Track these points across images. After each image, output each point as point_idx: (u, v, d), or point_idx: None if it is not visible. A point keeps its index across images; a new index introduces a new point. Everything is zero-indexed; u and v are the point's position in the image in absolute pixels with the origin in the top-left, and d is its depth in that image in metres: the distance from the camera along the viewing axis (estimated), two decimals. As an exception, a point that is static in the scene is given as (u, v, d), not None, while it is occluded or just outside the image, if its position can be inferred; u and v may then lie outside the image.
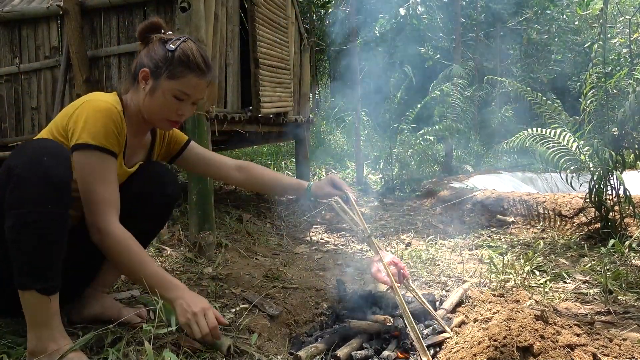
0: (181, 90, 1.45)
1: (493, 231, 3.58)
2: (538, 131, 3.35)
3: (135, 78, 1.47)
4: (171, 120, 1.49)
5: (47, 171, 1.17)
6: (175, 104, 1.47)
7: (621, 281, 2.22)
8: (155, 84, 1.44)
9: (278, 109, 4.01)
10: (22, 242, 1.16)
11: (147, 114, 1.48)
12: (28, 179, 1.16)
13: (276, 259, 2.72)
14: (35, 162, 1.18)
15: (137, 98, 1.48)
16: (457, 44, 6.85)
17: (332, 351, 1.51)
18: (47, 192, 1.17)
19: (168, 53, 1.44)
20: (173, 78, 1.44)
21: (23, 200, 1.16)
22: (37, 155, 1.19)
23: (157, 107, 1.46)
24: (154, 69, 1.44)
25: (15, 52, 3.28)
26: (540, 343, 1.28)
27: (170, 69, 1.44)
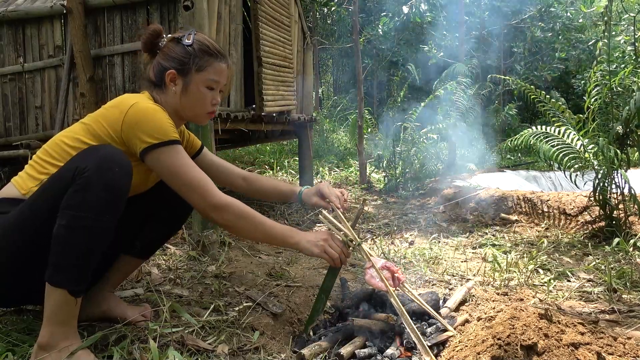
0: (211, 78, 1.50)
1: (497, 230, 3.57)
2: (542, 129, 3.33)
3: (161, 83, 1.50)
4: (209, 112, 1.54)
5: (115, 182, 1.22)
6: (210, 94, 1.52)
7: (626, 280, 2.21)
8: (187, 81, 1.48)
9: (281, 107, 4.01)
10: (70, 243, 1.18)
11: (187, 112, 1.52)
12: (95, 185, 1.19)
13: (279, 257, 2.72)
14: (106, 169, 1.21)
15: (168, 100, 1.50)
16: (461, 42, 6.83)
17: (336, 349, 1.51)
18: (110, 201, 1.21)
19: (188, 48, 1.48)
20: (202, 69, 1.48)
21: (85, 204, 1.19)
22: (110, 163, 1.22)
23: (195, 101, 1.50)
24: (180, 67, 1.48)
25: (19, 51, 3.29)
26: (544, 342, 1.28)
27: (197, 61, 1.48)
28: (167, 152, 1.35)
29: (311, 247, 1.46)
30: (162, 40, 1.53)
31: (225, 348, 1.47)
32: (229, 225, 1.43)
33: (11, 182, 1.39)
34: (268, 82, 3.70)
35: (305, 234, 1.49)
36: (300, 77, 4.83)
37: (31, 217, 1.25)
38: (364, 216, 4.07)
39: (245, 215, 1.42)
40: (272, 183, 1.86)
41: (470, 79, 6.20)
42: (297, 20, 4.69)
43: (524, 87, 3.51)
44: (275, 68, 3.91)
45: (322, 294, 1.73)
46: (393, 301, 1.54)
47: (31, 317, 1.56)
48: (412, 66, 6.66)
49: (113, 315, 1.53)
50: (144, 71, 1.60)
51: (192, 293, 1.91)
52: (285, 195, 1.84)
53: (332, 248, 1.49)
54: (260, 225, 1.44)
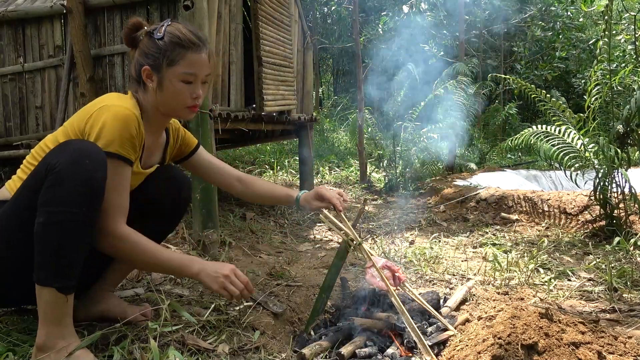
0: (186, 72, 1.43)
1: (497, 229, 3.57)
2: (542, 128, 3.33)
3: (140, 80, 1.46)
4: (189, 106, 1.48)
5: (87, 174, 1.21)
6: (187, 88, 1.45)
7: (626, 279, 2.21)
8: (160, 77, 1.43)
9: (281, 107, 4.01)
10: (50, 240, 1.19)
11: (165, 108, 1.48)
12: (67, 179, 1.19)
13: (280, 257, 2.72)
14: (77, 163, 1.21)
15: (149, 98, 1.47)
16: (461, 42, 6.82)
17: (336, 349, 1.51)
18: (84, 194, 1.21)
19: (159, 42, 1.42)
20: (173, 64, 1.41)
21: (59, 199, 1.19)
22: (79, 156, 1.22)
23: (171, 97, 1.44)
24: (153, 63, 1.42)
25: (20, 51, 3.29)
26: (544, 341, 1.28)
27: (168, 55, 1.41)
28: (108, 165, 1.29)
29: (210, 281, 1.36)
30: (140, 34, 1.47)
31: (226, 347, 1.47)
32: (121, 254, 1.37)
33: (4, 186, 1.41)
34: (268, 82, 3.70)
35: (207, 265, 1.38)
36: (301, 77, 4.83)
37: (13, 216, 1.28)
38: (365, 216, 4.06)
39: (138, 247, 1.34)
40: (268, 187, 1.81)
41: (471, 78, 6.20)
42: (297, 20, 4.68)
43: (524, 86, 3.50)
44: (276, 67, 3.91)
45: (323, 294, 1.73)
46: (394, 300, 1.53)
47: (32, 317, 1.55)
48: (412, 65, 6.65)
49: (113, 315, 1.53)
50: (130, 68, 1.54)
51: (193, 292, 1.91)
52: (281, 199, 1.79)
53: (234, 284, 1.37)
54: (155, 255, 1.35)
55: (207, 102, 2.54)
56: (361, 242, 1.68)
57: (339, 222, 1.71)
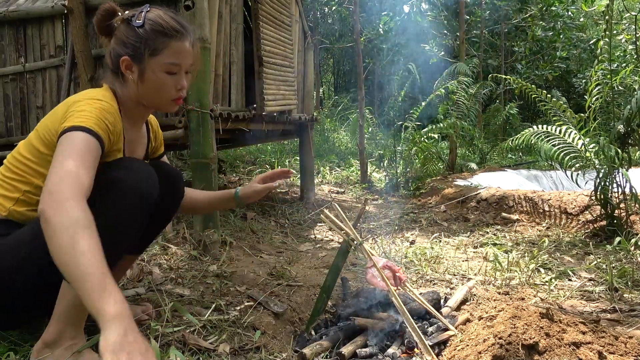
0: (169, 62, 1.34)
1: (498, 229, 3.57)
2: (543, 128, 3.33)
3: (118, 71, 1.36)
4: (174, 99, 1.39)
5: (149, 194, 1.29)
6: (171, 80, 1.36)
7: (627, 279, 2.21)
8: (142, 68, 1.33)
9: (282, 107, 4.01)
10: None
11: (148, 101, 1.39)
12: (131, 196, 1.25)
13: (280, 256, 2.72)
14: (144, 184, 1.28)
15: (128, 90, 1.37)
16: (462, 42, 6.83)
17: (337, 349, 1.51)
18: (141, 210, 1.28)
19: (139, 30, 1.32)
20: (156, 53, 1.32)
21: (118, 210, 1.23)
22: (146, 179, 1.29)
23: (154, 90, 1.36)
24: (133, 53, 1.32)
25: (21, 51, 3.29)
26: (545, 341, 1.28)
27: (150, 44, 1.32)
28: (73, 136, 1.16)
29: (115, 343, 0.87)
30: (115, 21, 1.36)
31: (227, 347, 1.47)
32: (50, 233, 1.00)
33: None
34: (269, 82, 3.70)
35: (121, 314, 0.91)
36: (301, 77, 4.83)
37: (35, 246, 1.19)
38: (365, 215, 4.07)
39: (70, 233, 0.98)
40: (204, 194, 1.73)
41: (471, 78, 6.20)
42: (298, 20, 4.68)
43: (525, 86, 3.50)
44: (276, 67, 3.91)
45: (324, 293, 1.73)
46: (394, 300, 1.54)
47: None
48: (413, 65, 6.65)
49: None
50: (105, 56, 1.41)
51: (194, 292, 1.91)
52: (220, 201, 1.71)
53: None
54: (69, 264, 0.96)
55: (207, 102, 2.54)
56: (362, 242, 1.68)
57: (339, 222, 1.71)
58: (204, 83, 2.48)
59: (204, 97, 2.48)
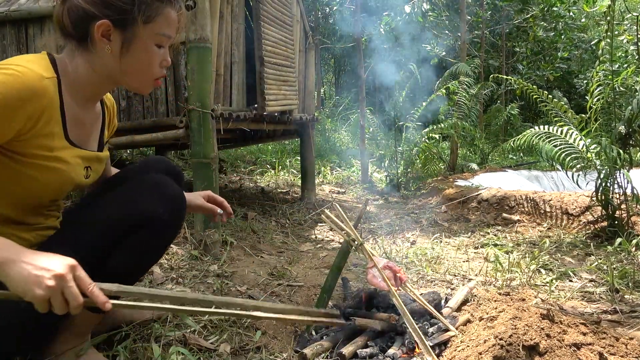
0: (163, 33, 1.12)
1: (499, 229, 3.57)
2: (544, 129, 3.33)
3: (84, 37, 1.09)
4: (156, 78, 1.18)
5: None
6: (159, 53, 1.14)
7: (628, 280, 2.20)
8: (128, 36, 1.09)
9: (283, 107, 4.01)
10: None
11: (126, 78, 1.15)
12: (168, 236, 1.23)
13: (281, 256, 2.72)
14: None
15: (93, 61, 1.11)
16: (463, 42, 6.82)
17: (338, 349, 1.51)
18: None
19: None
20: (151, 20, 1.10)
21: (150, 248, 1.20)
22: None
23: (140, 65, 1.12)
24: (118, 16, 1.07)
25: (22, 50, 3.29)
26: (546, 342, 1.28)
27: (144, 9, 1.08)
28: None
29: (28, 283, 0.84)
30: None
31: (227, 347, 1.47)
32: None
33: None
34: (270, 82, 3.70)
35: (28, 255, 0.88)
36: (302, 77, 4.83)
37: None
38: (366, 216, 4.06)
39: None
40: None
41: (473, 79, 6.20)
42: (299, 20, 4.69)
43: (526, 86, 3.50)
44: (277, 67, 3.91)
45: (324, 294, 1.73)
46: (395, 301, 1.54)
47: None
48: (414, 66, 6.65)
49: (123, 319, 1.48)
50: (56, 14, 1.12)
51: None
52: None
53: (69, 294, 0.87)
54: None
55: (208, 102, 2.54)
56: (363, 242, 1.68)
57: (340, 222, 1.71)
58: (205, 83, 2.48)
59: (205, 97, 2.48)
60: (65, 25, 1.10)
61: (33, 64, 1.01)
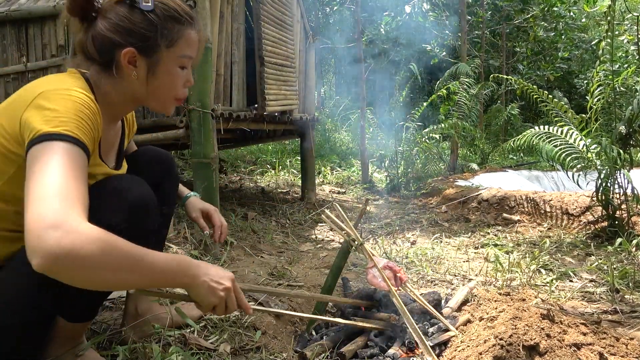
0: (185, 54, 1.15)
1: (499, 229, 3.57)
2: (544, 129, 3.33)
3: (109, 64, 1.11)
4: (178, 98, 1.21)
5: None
6: (182, 75, 1.18)
7: (628, 280, 2.20)
8: (152, 61, 1.12)
9: (283, 107, 4.01)
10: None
11: (152, 100, 1.18)
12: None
13: (281, 256, 2.72)
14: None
15: (122, 86, 1.14)
16: (463, 42, 6.82)
17: (338, 349, 1.51)
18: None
19: (150, 16, 1.09)
20: (173, 44, 1.12)
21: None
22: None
23: (164, 87, 1.16)
24: (142, 44, 1.09)
25: (22, 50, 3.29)
26: (546, 342, 1.28)
27: (166, 34, 1.11)
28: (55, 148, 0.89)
29: (208, 293, 1.02)
30: (104, 2, 1.10)
31: (227, 347, 1.47)
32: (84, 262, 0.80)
33: None
34: (270, 82, 3.70)
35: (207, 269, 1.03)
36: (303, 77, 4.83)
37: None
38: (366, 216, 4.06)
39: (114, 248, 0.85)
40: None
41: (473, 79, 6.20)
42: (300, 20, 4.69)
43: (526, 86, 3.50)
44: (278, 68, 3.91)
45: (324, 294, 1.73)
46: (395, 301, 1.54)
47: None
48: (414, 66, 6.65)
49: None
50: (79, 41, 1.12)
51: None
52: None
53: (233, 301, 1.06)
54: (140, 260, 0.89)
55: (208, 102, 2.54)
56: (363, 242, 1.68)
57: (340, 222, 1.71)
58: (206, 83, 2.48)
59: (206, 97, 2.48)
60: (89, 52, 1.12)
61: (80, 87, 1.04)
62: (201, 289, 1.01)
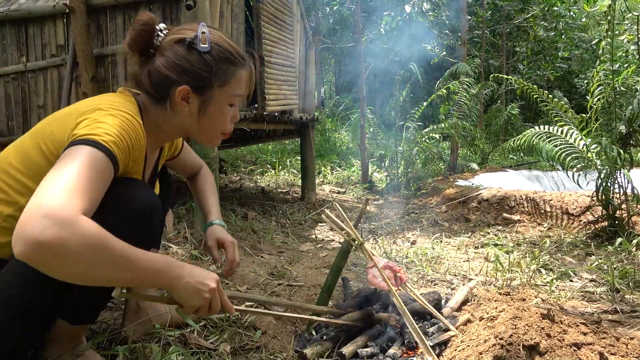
0: (236, 93, 1.21)
1: (499, 229, 3.57)
2: (545, 129, 3.33)
3: (163, 98, 1.16)
4: (225, 133, 1.25)
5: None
6: (231, 112, 1.22)
7: (628, 280, 2.20)
8: (205, 99, 1.17)
9: (283, 107, 4.01)
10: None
11: (201, 134, 1.23)
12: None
13: (281, 256, 2.72)
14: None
15: (172, 119, 1.19)
16: (463, 42, 6.82)
17: (338, 349, 1.51)
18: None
19: (206, 57, 1.14)
20: (226, 84, 1.17)
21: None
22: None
23: (213, 123, 1.21)
24: (197, 83, 1.14)
25: (22, 50, 3.29)
26: (546, 342, 1.28)
27: (220, 74, 1.16)
28: (89, 153, 0.94)
29: (192, 294, 1.00)
30: (158, 37, 1.15)
31: (227, 347, 1.47)
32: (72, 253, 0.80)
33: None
34: (270, 82, 3.70)
35: (190, 270, 1.02)
36: (303, 77, 4.83)
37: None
38: (366, 216, 4.06)
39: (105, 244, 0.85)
40: (201, 195, 1.60)
41: (473, 79, 6.20)
42: (300, 20, 4.69)
43: (526, 86, 3.50)
44: (278, 67, 3.91)
45: (324, 294, 1.73)
46: (395, 301, 1.53)
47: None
48: (415, 65, 6.65)
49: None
50: (132, 72, 1.19)
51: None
52: (202, 214, 1.60)
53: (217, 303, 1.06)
54: (126, 258, 0.88)
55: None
56: (363, 242, 1.68)
57: (340, 222, 1.71)
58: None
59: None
60: (143, 84, 1.17)
61: (133, 111, 1.10)
62: (185, 290, 1.00)
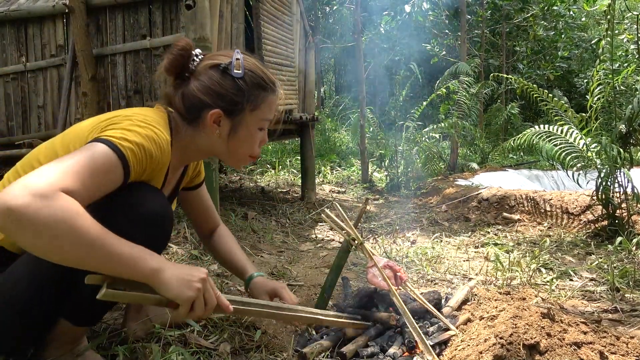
0: (265, 117, 1.25)
1: (499, 229, 3.57)
2: (544, 128, 3.33)
3: (195, 120, 1.20)
4: (253, 156, 1.28)
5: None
6: (260, 135, 1.26)
7: (628, 279, 2.20)
8: (236, 122, 1.21)
9: (283, 106, 4.01)
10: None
11: (226, 155, 1.26)
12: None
13: (281, 256, 2.72)
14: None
15: (201, 139, 1.22)
16: (463, 41, 6.82)
17: (338, 348, 1.51)
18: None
19: (239, 82, 1.18)
20: (256, 108, 1.22)
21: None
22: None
23: (240, 146, 1.24)
24: (229, 107, 1.19)
25: (22, 50, 3.29)
26: (546, 341, 1.28)
27: (252, 99, 1.20)
28: (96, 147, 0.97)
29: (181, 286, 0.97)
30: (194, 62, 1.19)
31: (227, 347, 1.47)
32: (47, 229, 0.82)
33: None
34: (270, 81, 3.70)
35: (173, 265, 1.00)
36: (302, 76, 4.83)
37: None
38: (366, 215, 4.06)
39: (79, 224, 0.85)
40: (229, 255, 1.57)
41: (473, 78, 6.20)
42: (299, 19, 4.68)
43: (526, 85, 3.50)
44: (278, 67, 3.91)
45: (324, 293, 1.73)
46: (395, 300, 1.53)
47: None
48: (414, 65, 6.65)
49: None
50: (166, 94, 1.23)
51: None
52: (235, 272, 1.58)
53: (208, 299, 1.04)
54: (99, 239, 0.88)
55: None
56: (363, 241, 1.68)
57: (340, 222, 1.71)
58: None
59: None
60: (176, 106, 1.21)
61: (162, 127, 1.11)
62: (171, 283, 0.97)
